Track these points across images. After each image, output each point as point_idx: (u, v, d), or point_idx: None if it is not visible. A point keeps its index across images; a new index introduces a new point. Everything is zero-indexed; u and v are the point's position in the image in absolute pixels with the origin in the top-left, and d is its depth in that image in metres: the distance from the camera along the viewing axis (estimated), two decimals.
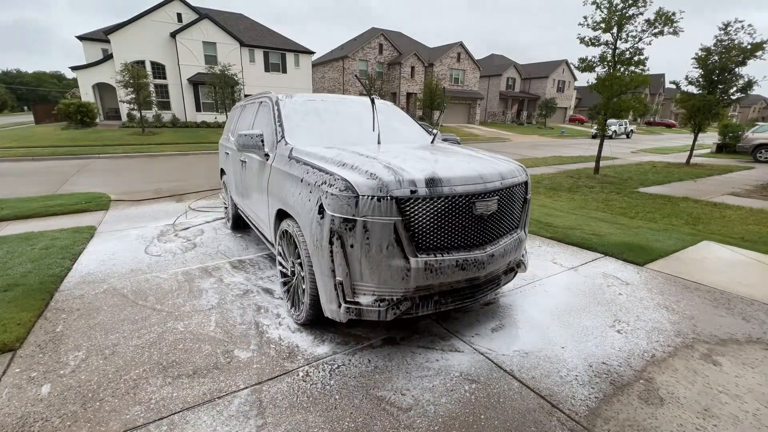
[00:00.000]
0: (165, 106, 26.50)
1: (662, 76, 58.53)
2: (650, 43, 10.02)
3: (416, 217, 2.27)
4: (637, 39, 10.02)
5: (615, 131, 31.15)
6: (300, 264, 2.68)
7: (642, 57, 10.03)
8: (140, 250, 4.42)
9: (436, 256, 2.33)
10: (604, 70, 10.56)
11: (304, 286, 2.64)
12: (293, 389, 2.19)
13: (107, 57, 25.47)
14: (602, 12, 10.00)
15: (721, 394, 2.18)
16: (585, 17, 10.24)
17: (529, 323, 2.93)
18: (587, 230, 5.20)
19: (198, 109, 27.26)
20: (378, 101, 4.15)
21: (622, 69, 10.31)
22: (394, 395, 2.16)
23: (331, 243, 2.31)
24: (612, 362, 2.46)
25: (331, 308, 2.43)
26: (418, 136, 3.92)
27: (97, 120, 24.42)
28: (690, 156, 14.63)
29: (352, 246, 2.26)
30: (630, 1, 9.66)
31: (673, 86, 14.03)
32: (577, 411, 2.05)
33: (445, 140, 4.06)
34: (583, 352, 2.57)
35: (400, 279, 2.30)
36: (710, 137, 23.72)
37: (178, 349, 2.55)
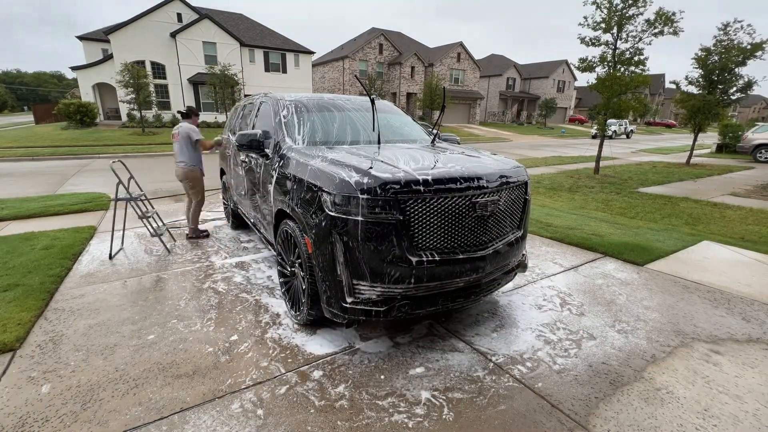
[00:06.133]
0: (165, 106, 26.49)
1: (662, 76, 58.49)
2: (650, 43, 10.03)
3: (416, 217, 2.27)
4: (637, 39, 10.02)
5: (615, 131, 31.11)
6: (300, 264, 2.68)
7: (642, 57, 10.04)
8: (140, 249, 4.42)
9: (435, 256, 2.34)
10: (604, 70, 10.55)
11: (303, 287, 2.64)
12: (293, 389, 2.19)
13: (107, 57, 25.46)
14: (602, 12, 10.01)
15: (721, 394, 2.18)
16: (585, 17, 10.24)
17: (529, 323, 2.93)
18: (587, 230, 5.20)
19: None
20: (378, 101, 4.15)
21: (622, 69, 10.31)
22: (394, 395, 2.16)
23: (330, 243, 2.31)
24: (612, 362, 2.46)
25: (330, 308, 2.44)
26: (418, 136, 3.92)
27: (97, 120, 24.41)
28: (690, 156, 14.62)
29: (351, 246, 2.26)
30: (630, 1, 9.66)
31: (673, 86, 14.02)
32: (576, 411, 2.05)
33: (445, 140, 4.06)
34: (583, 352, 2.57)
35: (399, 279, 2.30)
36: (710, 137, 23.71)
37: (178, 349, 2.55)
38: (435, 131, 3.97)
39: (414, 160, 2.58)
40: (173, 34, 25.62)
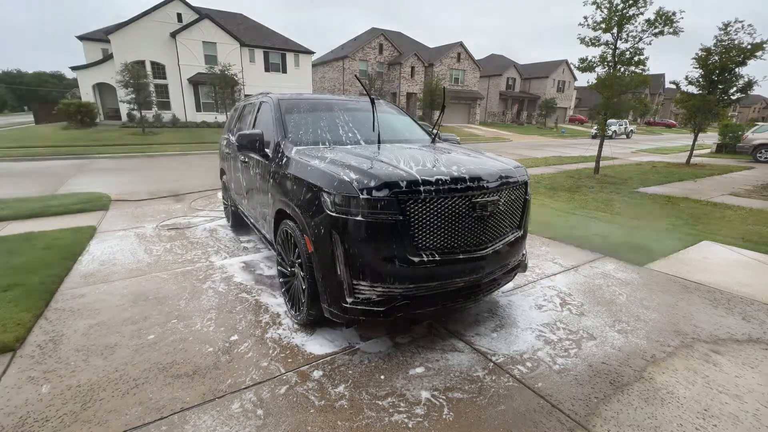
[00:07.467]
0: (165, 106, 26.50)
1: (662, 76, 58.50)
2: (650, 43, 10.03)
3: (416, 216, 2.27)
4: (637, 39, 10.02)
5: (615, 131, 31.12)
6: (299, 264, 2.68)
7: (642, 57, 10.03)
8: (140, 249, 4.42)
9: (435, 256, 2.33)
10: (605, 70, 10.56)
11: (303, 287, 2.64)
12: (293, 389, 2.19)
13: (107, 57, 25.49)
14: (602, 12, 10.01)
15: (721, 394, 2.18)
16: (585, 17, 10.25)
17: (529, 323, 2.93)
18: (587, 230, 5.20)
19: (198, 109, 27.27)
20: (378, 101, 4.15)
21: (622, 69, 10.31)
22: (394, 395, 2.16)
23: (330, 243, 2.31)
24: (612, 362, 2.46)
25: (330, 308, 2.44)
26: (419, 136, 3.92)
27: (97, 120, 24.42)
28: (690, 156, 14.62)
29: (351, 246, 2.26)
30: (630, 1, 9.65)
31: (673, 86, 14.02)
32: (576, 411, 2.05)
33: (445, 140, 4.06)
34: (583, 352, 2.57)
35: (399, 278, 2.30)
36: (710, 137, 23.70)
37: (178, 349, 2.55)
38: (435, 131, 3.97)
39: (414, 160, 2.58)
40: (173, 34, 25.64)
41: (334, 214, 2.28)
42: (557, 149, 21.05)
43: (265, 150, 3.32)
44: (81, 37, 27.43)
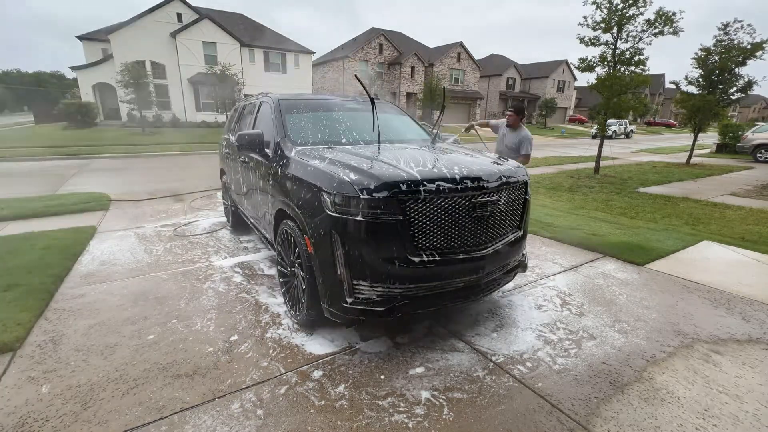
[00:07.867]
0: (165, 106, 26.50)
1: (662, 76, 58.47)
2: (650, 43, 10.04)
3: (416, 216, 2.27)
4: (637, 39, 10.03)
5: (615, 131, 31.10)
6: (299, 264, 2.68)
7: (642, 57, 10.04)
8: (140, 250, 4.42)
9: (436, 256, 2.34)
10: (605, 70, 10.56)
11: (303, 287, 2.64)
12: (293, 389, 2.19)
13: (107, 57, 25.49)
14: (602, 12, 10.01)
15: (721, 394, 2.18)
16: (585, 17, 10.25)
17: (529, 323, 2.93)
18: (587, 230, 5.20)
19: (198, 109, 27.27)
20: (378, 101, 4.15)
21: (622, 69, 10.31)
22: (394, 395, 2.16)
23: (330, 243, 2.31)
24: (612, 362, 2.46)
25: (330, 308, 2.44)
26: (419, 136, 3.92)
27: (97, 120, 24.43)
28: (690, 156, 14.62)
29: (351, 246, 2.26)
30: (630, 1, 9.66)
31: (673, 86, 14.03)
32: (576, 411, 2.05)
33: (445, 140, 4.06)
34: (583, 352, 2.57)
35: (400, 278, 2.30)
36: (710, 137, 23.68)
37: (178, 349, 2.55)
38: (435, 131, 3.97)
39: (414, 160, 2.58)
40: (173, 34, 25.65)
41: (334, 214, 2.28)
42: (557, 149, 21.04)
43: (265, 150, 3.32)
44: (81, 37, 27.43)
